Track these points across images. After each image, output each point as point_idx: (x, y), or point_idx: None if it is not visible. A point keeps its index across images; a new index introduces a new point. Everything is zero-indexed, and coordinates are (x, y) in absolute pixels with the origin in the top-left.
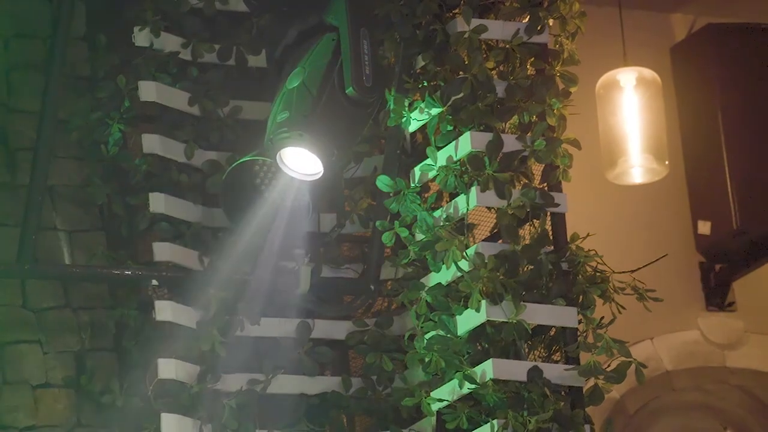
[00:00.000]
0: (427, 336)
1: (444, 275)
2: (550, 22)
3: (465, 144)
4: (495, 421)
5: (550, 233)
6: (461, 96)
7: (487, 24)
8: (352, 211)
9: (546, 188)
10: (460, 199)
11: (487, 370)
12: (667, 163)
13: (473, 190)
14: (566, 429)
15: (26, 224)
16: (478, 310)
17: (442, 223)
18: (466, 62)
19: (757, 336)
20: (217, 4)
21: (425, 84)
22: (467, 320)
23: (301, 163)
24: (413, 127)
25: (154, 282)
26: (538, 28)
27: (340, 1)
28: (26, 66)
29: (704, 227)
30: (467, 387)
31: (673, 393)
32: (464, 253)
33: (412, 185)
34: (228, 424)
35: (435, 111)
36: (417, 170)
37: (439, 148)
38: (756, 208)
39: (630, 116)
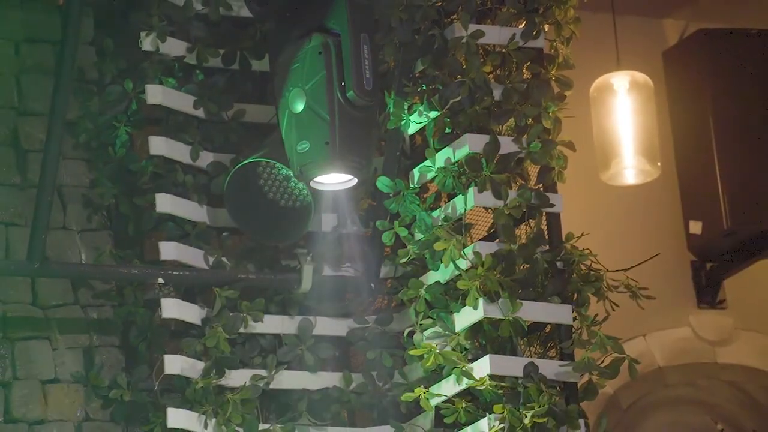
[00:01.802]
0: (426, 333)
1: (442, 274)
2: (546, 27)
3: (463, 146)
4: (492, 416)
5: (546, 233)
6: (459, 99)
7: (485, 29)
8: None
9: (541, 189)
10: (458, 200)
11: (484, 366)
12: (659, 164)
13: (471, 190)
14: (561, 423)
15: (36, 224)
16: (475, 307)
17: (440, 223)
18: (464, 66)
19: (747, 333)
20: (221, 10)
21: (424, 88)
22: (465, 317)
23: (332, 177)
24: (412, 129)
25: (161, 280)
26: (534, 33)
27: (341, 7)
28: (36, 70)
29: (695, 227)
30: (465, 382)
31: (665, 388)
32: (462, 252)
33: (412, 186)
34: (232, 419)
35: (433, 114)
36: (416, 171)
37: (437, 150)
38: (746, 209)
39: (623, 119)
